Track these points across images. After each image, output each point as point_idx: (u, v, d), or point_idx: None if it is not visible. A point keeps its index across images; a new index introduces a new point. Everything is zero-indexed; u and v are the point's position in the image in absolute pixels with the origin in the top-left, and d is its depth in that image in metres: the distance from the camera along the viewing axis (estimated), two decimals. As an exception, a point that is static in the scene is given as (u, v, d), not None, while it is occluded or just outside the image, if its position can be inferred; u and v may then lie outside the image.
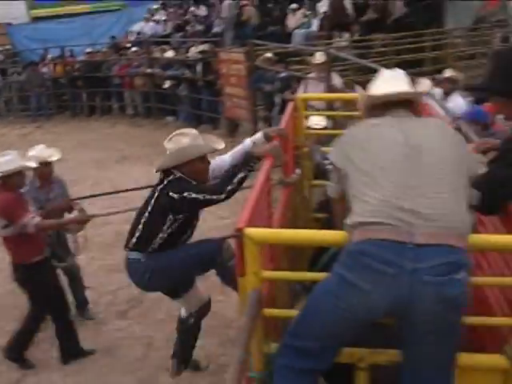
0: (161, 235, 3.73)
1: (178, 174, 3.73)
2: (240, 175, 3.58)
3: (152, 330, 5.44)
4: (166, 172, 3.78)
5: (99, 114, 16.06)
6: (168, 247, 3.77)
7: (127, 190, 7.29)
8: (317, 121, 6.13)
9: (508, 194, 2.48)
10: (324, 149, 4.59)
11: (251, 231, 2.29)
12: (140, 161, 11.33)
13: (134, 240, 3.81)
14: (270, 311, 2.50)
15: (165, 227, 3.71)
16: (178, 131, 3.93)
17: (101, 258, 6.97)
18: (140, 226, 3.79)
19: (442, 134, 2.40)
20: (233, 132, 12.09)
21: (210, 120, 13.24)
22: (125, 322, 5.63)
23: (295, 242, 2.81)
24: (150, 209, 3.76)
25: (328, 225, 3.46)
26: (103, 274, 6.58)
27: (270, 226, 3.17)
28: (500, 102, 2.72)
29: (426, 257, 2.04)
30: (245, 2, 17.18)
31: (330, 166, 4.47)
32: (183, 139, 3.79)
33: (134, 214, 3.91)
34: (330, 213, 3.98)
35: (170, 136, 3.84)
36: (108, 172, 10.91)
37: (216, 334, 5.15)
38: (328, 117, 6.67)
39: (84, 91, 16.34)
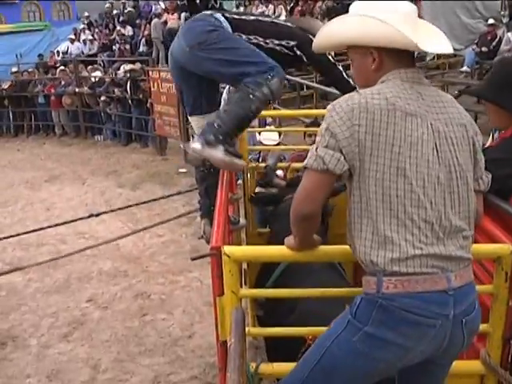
0: None
1: None
2: None
3: (97, 351, 5.25)
4: None
5: (26, 133, 15.78)
6: None
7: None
8: (270, 136, 6.16)
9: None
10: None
11: (231, 249, 2.20)
12: (71, 180, 11.27)
13: None
14: (254, 330, 2.45)
15: None
16: None
17: (38, 279, 6.83)
18: None
19: (463, 130, 2.04)
20: (163, 150, 12.18)
21: (140, 138, 13.32)
22: (69, 345, 5.42)
23: (279, 259, 2.72)
24: None
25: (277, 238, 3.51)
26: (41, 296, 6.43)
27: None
28: (492, 109, 2.75)
29: (461, 300, 1.95)
30: (171, 18, 17.44)
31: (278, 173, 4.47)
32: None
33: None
34: (272, 228, 4.00)
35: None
36: (39, 192, 10.72)
37: (163, 353, 5.11)
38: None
39: (10, 111, 15.99)
